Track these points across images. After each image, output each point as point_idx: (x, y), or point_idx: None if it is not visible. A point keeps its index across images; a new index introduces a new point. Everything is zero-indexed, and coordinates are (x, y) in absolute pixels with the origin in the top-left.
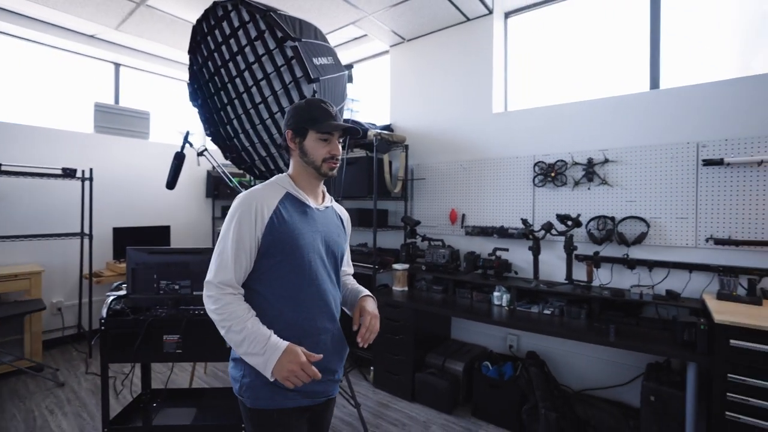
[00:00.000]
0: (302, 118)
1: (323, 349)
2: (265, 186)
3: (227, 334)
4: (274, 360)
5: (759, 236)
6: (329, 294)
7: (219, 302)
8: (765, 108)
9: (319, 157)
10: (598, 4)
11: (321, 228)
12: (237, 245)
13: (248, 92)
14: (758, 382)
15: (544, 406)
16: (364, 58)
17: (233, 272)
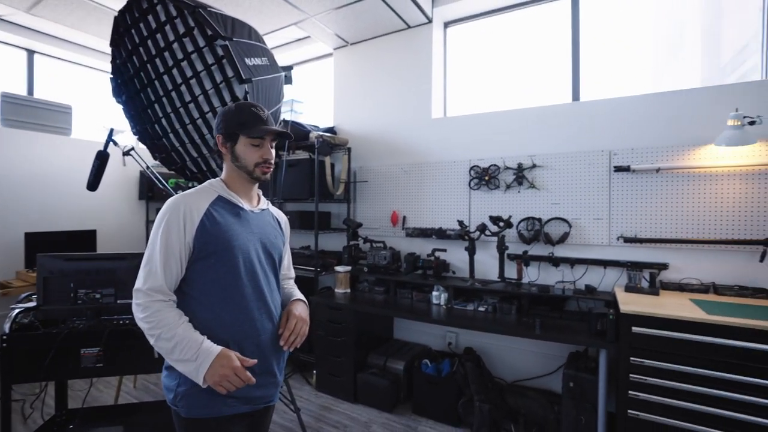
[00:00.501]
0: (232, 122)
1: (263, 350)
2: (196, 190)
3: (157, 342)
4: (206, 365)
5: (657, 235)
6: (268, 294)
7: (148, 310)
8: (663, 122)
9: (251, 162)
10: (529, 19)
11: (256, 230)
12: (166, 251)
13: (177, 90)
14: (654, 362)
15: (478, 399)
16: (309, 59)
17: (163, 278)
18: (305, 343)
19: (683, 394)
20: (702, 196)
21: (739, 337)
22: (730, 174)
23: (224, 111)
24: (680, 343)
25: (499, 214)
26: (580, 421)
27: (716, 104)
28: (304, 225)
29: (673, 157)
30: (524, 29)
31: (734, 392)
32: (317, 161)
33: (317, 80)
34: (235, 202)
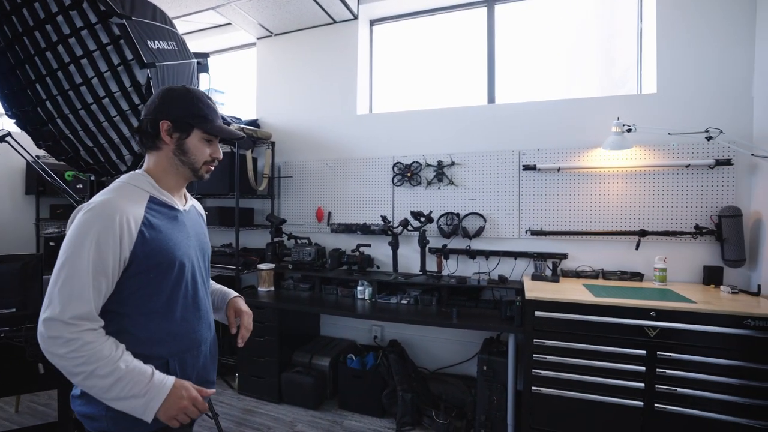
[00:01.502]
0: (188, 111)
1: (203, 360)
2: (119, 190)
3: (87, 380)
4: (159, 399)
5: (559, 228)
6: (205, 301)
7: (73, 344)
8: (564, 126)
9: (200, 160)
10: (450, 24)
11: (191, 231)
12: (95, 269)
13: (65, 69)
14: (554, 342)
15: (401, 389)
16: (231, 47)
17: (92, 302)
18: (227, 345)
19: (577, 367)
20: (593, 193)
21: (618, 315)
22: (614, 174)
23: (175, 94)
24: (574, 323)
25: (420, 210)
26: (492, 401)
27: (604, 113)
28: (225, 221)
29: (571, 158)
30: (446, 33)
31: (616, 362)
32: (238, 155)
33: (240, 70)
34: (171, 204)
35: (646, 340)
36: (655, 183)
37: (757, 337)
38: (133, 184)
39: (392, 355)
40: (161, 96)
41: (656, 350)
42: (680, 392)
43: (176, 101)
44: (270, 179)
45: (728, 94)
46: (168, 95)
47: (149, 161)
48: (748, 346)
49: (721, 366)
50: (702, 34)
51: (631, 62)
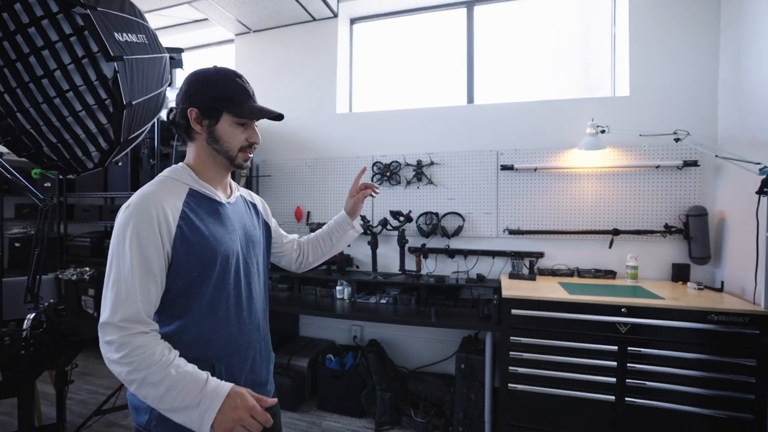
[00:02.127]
0: (214, 95)
1: (252, 363)
2: (158, 184)
3: (141, 389)
4: (214, 410)
5: (536, 227)
6: (256, 300)
7: (125, 348)
8: (541, 126)
9: (235, 146)
10: (430, 24)
11: (237, 225)
12: (141, 267)
13: (24, 61)
14: (530, 339)
15: (380, 389)
16: (209, 44)
17: (140, 303)
18: None
19: (552, 364)
20: (569, 192)
21: (592, 312)
22: (589, 174)
23: (200, 78)
24: (549, 321)
25: (399, 209)
26: (470, 399)
27: (579, 114)
28: None
29: (547, 158)
30: (426, 33)
31: (590, 358)
32: None
33: None
34: (212, 196)
35: (618, 336)
36: (628, 183)
37: (719, 331)
38: (173, 177)
39: (371, 355)
40: (188, 82)
41: (627, 346)
42: (649, 386)
43: (199, 84)
44: (248, 178)
45: (695, 98)
46: (194, 80)
47: (189, 153)
48: (711, 340)
49: (686, 359)
50: (672, 41)
51: (606, 66)
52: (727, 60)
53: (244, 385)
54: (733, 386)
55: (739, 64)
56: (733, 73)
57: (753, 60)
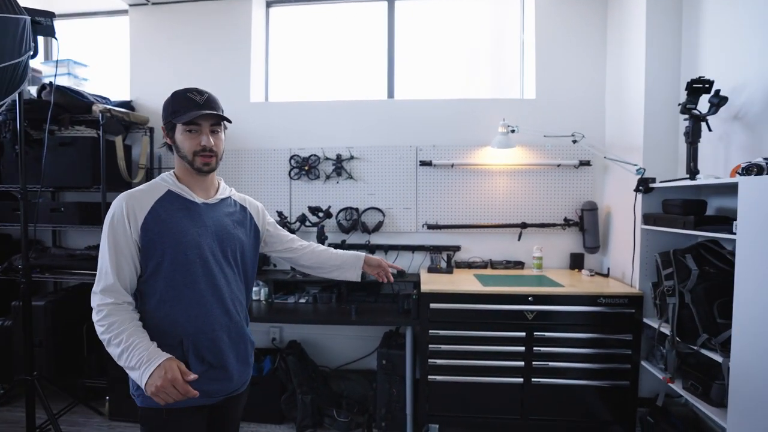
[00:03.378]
0: (168, 111)
1: (218, 344)
2: (146, 186)
3: (108, 347)
4: (147, 374)
5: (453, 221)
6: (225, 289)
7: (100, 312)
8: (457, 124)
9: (189, 151)
10: (351, 14)
11: (209, 222)
12: (114, 249)
13: None
14: (447, 332)
15: (300, 392)
16: (96, 12)
17: (114, 278)
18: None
19: (468, 353)
20: (483, 188)
21: (503, 302)
22: (501, 171)
23: (165, 102)
24: (465, 312)
25: (318, 205)
26: (392, 394)
27: (492, 114)
28: (87, 219)
29: (463, 154)
30: (347, 24)
31: (502, 345)
32: (103, 140)
33: (110, 42)
34: (185, 196)
35: (526, 322)
36: (534, 180)
37: (605, 312)
38: (159, 181)
39: (291, 357)
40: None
41: (534, 331)
42: (551, 366)
43: (164, 107)
44: (148, 170)
45: (588, 104)
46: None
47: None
48: (599, 320)
49: (580, 339)
50: (570, 50)
51: (516, 69)
52: (612, 71)
53: (211, 364)
54: (614, 359)
55: (620, 75)
56: (617, 84)
57: (629, 73)
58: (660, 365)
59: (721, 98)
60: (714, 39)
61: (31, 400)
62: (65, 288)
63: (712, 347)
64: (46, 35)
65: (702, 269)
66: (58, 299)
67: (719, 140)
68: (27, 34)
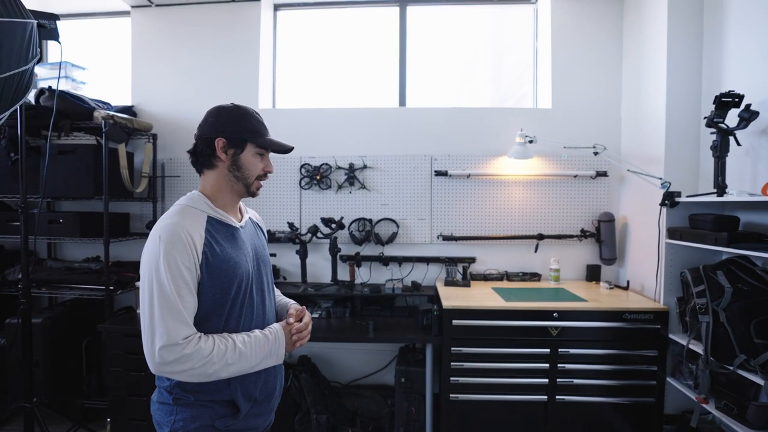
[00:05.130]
0: (241, 127)
1: (268, 379)
2: (179, 214)
3: (224, 371)
4: (283, 349)
5: (468, 232)
6: (268, 314)
7: (193, 357)
8: (472, 133)
9: (254, 174)
10: (362, 20)
11: (249, 248)
12: (181, 288)
13: None
14: (470, 349)
15: (315, 411)
16: (96, 13)
17: (188, 319)
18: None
19: (491, 371)
20: (499, 199)
21: (527, 318)
22: (517, 181)
23: (226, 111)
24: (489, 329)
25: (330, 216)
26: (411, 412)
27: (506, 123)
28: (88, 231)
29: (479, 164)
30: (358, 30)
31: (525, 362)
32: (106, 148)
33: (111, 44)
34: (228, 222)
35: (550, 339)
36: (550, 191)
37: (630, 327)
38: (191, 206)
39: (303, 375)
40: (214, 114)
41: (558, 347)
42: (576, 383)
43: (229, 118)
44: (151, 179)
45: (605, 114)
46: (221, 113)
47: (204, 181)
48: (624, 336)
49: (605, 355)
50: (586, 60)
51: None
52: (629, 82)
53: (259, 396)
54: (639, 375)
55: (638, 87)
56: (634, 95)
57: (649, 85)
58: (688, 382)
59: (752, 113)
60: (737, 52)
61: (30, 428)
62: (62, 303)
63: (752, 368)
64: (50, 39)
65: (735, 287)
66: (55, 315)
67: (746, 155)
68: (34, 40)
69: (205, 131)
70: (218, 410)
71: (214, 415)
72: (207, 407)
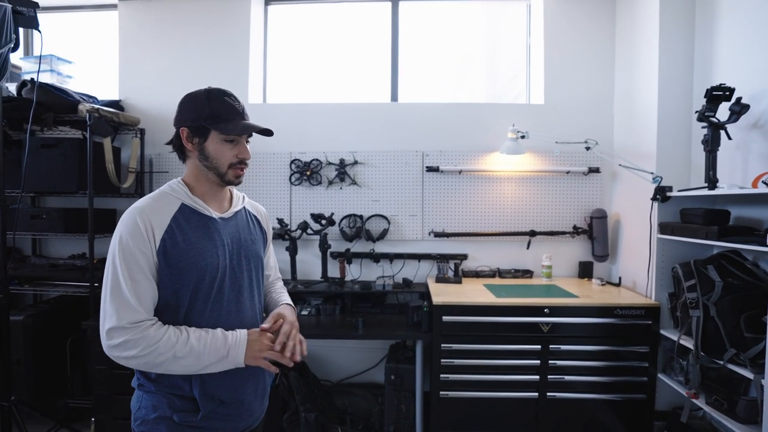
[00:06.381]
0: (202, 114)
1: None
2: (154, 197)
3: (172, 365)
4: (242, 353)
5: (460, 229)
6: (244, 314)
7: (141, 341)
8: (463, 128)
9: (224, 163)
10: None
11: (228, 240)
12: (134, 272)
13: None
14: (460, 345)
15: (304, 409)
16: (82, 5)
17: (141, 306)
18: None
19: (481, 368)
20: (491, 195)
21: (518, 314)
22: (509, 178)
23: (190, 97)
24: (479, 325)
25: (321, 212)
26: (401, 410)
27: (498, 118)
28: (72, 227)
29: (471, 160)
30: (350, 24)
31: (516, 359)
32: (90, 142)
33: (98, 37)
34: (202, 211)
35: (541, 335)
36: (542, 187)
37: (622, 323)
38: (169, 192)
39: (292, 373)
40: (180, 103)
41: (549, 344)
42: (567, 379)
43: (189, 104)
44: (138, 174)
45: (597, 110)
46: (184, 101)
47: (186, 170)
48: (615, 332)
49: (595, 352)
50: (579, 56)
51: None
52: (621, 77)
53: (225, 399)
54: (631, 372)
55: (631, 82)
56: (626, 90)
57: (641, 80)
58: (678, 378)
59: (742, 106)
60: (729, 46)
61: (7, 428)
62: (46, 300)
63: (741, 362)
64: (28, 27)
65: (725, 281)
66: (39, 313)
67: (737, 149)
68: (8, 24)
69: (174, 122)
70: (178, 404)
71: (173, 408)
72: (166, 398)
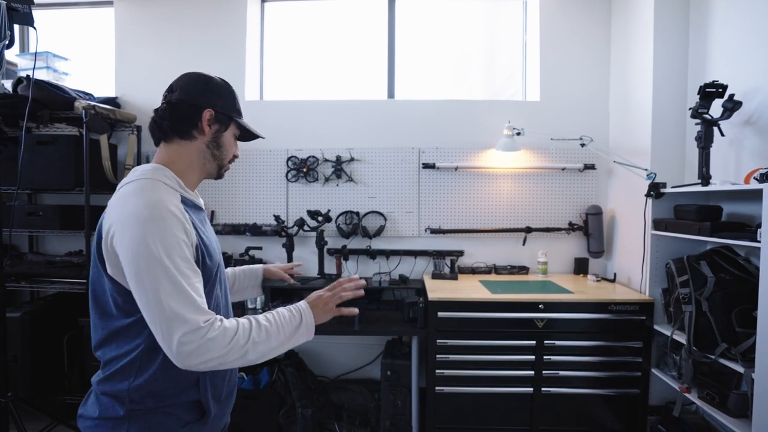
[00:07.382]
0: (230, 104)
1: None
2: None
3: (252, 354)
4: (312, 322)
5: (456, 225)
6: (229, 305)
7: (220, 338)
8: (460, 125)
9: (229, 156)
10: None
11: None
12: (184, 267)
13: None
14: (456, 341)
15: (300, 405)
16: (78, 2)
17: (202, 300)
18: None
19: (477, 363)
20: (487, 191)
21: (513, 309)
22: (506, 174)
23: (215, 83)
24: (475, 321)
25: (317, 208)
26: (397, 405)
27: (494, 115)
28: (69, 224)
29: (467, 157)
30: (347, 21)
31: (511, 354)
32: (86, 139)
33: (94, 33)
34: (199, 204)
35: (536, 330)
36: (538, 183)
37: (616, 319)
38: (160, 180)
39: (289, 369)
40: (203, 81)
41: (543, 339)
42: (561, 375)
43: (221, 90)
44: None
45: (593, 107)
46: (211, 82)
47: (170, 153)
48: (609, 327)
49: (590, 347)
50: (575, 53)
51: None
52: (617, 75)
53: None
54: (625, 367)
55: (626, 79)
56: (621, 87)
57: (635, 77)
58: (672, 373)
59: (735, 102)
60: (723, 44)
61: (5, 424)
62: (43, 297)
63: (732, 357)
64: (23, 24)
65: (717, 276)
66: (36, 309)
67: (730, 145)
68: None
69: (193, 97)
70: (182, 416)
71: (177, 424)
72: (168, 414)
